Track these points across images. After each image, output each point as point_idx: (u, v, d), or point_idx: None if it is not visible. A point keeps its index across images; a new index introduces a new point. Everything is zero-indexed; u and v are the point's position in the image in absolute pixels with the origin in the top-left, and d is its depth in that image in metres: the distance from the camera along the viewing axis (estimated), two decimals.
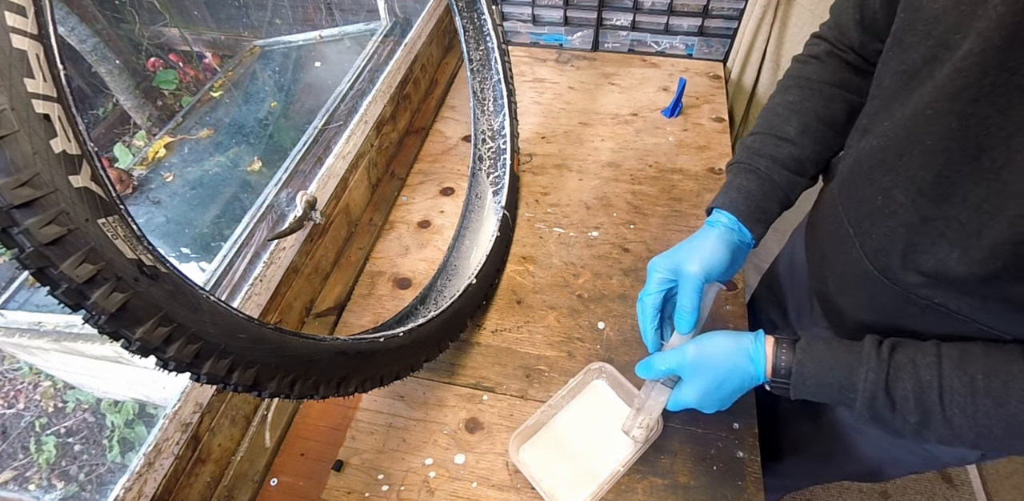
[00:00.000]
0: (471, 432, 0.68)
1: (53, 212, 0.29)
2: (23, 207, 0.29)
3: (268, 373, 0.43)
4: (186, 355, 0.37)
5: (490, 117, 0.94)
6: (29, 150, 0.28)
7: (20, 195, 0.28)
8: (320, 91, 1.36)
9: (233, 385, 0.41)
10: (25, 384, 1.99)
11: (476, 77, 0.94)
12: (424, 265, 0.86)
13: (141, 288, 0.34)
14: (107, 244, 0.32)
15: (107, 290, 0.32)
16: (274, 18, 2.00)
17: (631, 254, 0.85)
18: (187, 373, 0.38)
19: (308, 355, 0.46)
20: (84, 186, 0.31)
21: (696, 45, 1.22)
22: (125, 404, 1.83)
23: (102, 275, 0.32)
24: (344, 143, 0.88)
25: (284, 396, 0.46)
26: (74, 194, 0.30)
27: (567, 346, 0.75)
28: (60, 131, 0.30)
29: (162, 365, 0.37)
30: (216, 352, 0.38)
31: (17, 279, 1.39)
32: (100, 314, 0.32)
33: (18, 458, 1.84)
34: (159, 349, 0.35)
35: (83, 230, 0.31)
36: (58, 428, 1.89)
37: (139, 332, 0.34)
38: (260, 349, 0.42)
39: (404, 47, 1.08)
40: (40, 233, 0.29)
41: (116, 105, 1.59)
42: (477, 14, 0.91)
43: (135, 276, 0.33)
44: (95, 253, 0.31)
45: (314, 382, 0.47)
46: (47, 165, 0.29)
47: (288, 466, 0.66)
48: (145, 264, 0.34)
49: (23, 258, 0.30)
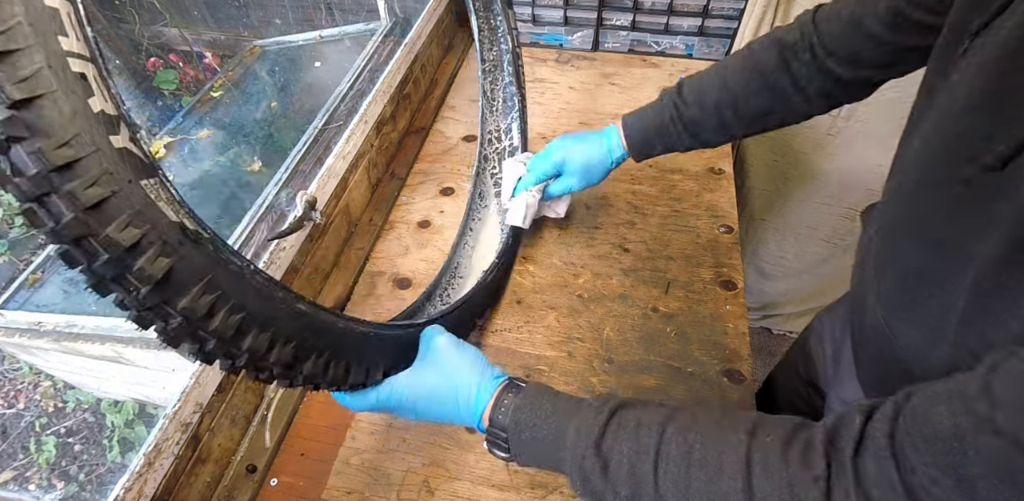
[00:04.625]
0: (471, 432, 0.68)
1: (97, 173, 0.28)
2: (64, 169, 0.27)
3: (305, 351, 0.41)
4: (230, 326, 0.34)
5: (499, 118, 0.94)
6: (68, 109, 0.27)
7: (62, 156, 0.26)
8: (320, 91, 1.36)
9: (271, 364, 0.38)
10: (25, 384, 1.99)
11: (487, 78, 0.94)
12: (424, 265, 0.86)
13: (185, 252, 0.32)
14: (151, 206, 0.30)
15: (153, 254, 0.30)
16: (274, 18, 2.00)
17: (631, 254, 0.85)
18: (224, 353, 0.36)
19: (343, 335, 0.44)
20: (124, 147, 0.29)
21: (696, 45, 1.22)
22: (125, 404, 1.83)
23: (147, 239, 0.30)
24: (344, 143, 0.88)
25: (316, 383, 0.43)
26: (115, 155, 0.29)
27: (567, 346, 0.75)
28: (97, 91, 0.28)
29: (198, 348, 0.35)
30: (258, 324, 0.36)
31: (17, 279, 1.39)
32: (144, 284, 0.30)
33: (18, 458, 1.84)
34: (202, 321, 0.33)
35: (126, 192, 0.29)
36: (58, 428, 1.89)
37: (184, 301, 0.32)
38: (299, 324, 0.39)
39: (404, 47, 1.08)
40: (84, 195, 0.27)
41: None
42: (493, 15, 0.92)
43: (179, 240, 0.31)
44: (140, 216, 0.29)
45: (346, 366, 0.45)
46: (87, 125, 0.27)
47: (288, 466, 0.66)
48: (188, 228, 0.32)
49: (59, 229, 0.28)
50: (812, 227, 1.43)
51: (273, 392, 0.71)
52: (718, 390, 0.69)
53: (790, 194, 1.38)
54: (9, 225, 2.13)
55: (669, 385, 0.70)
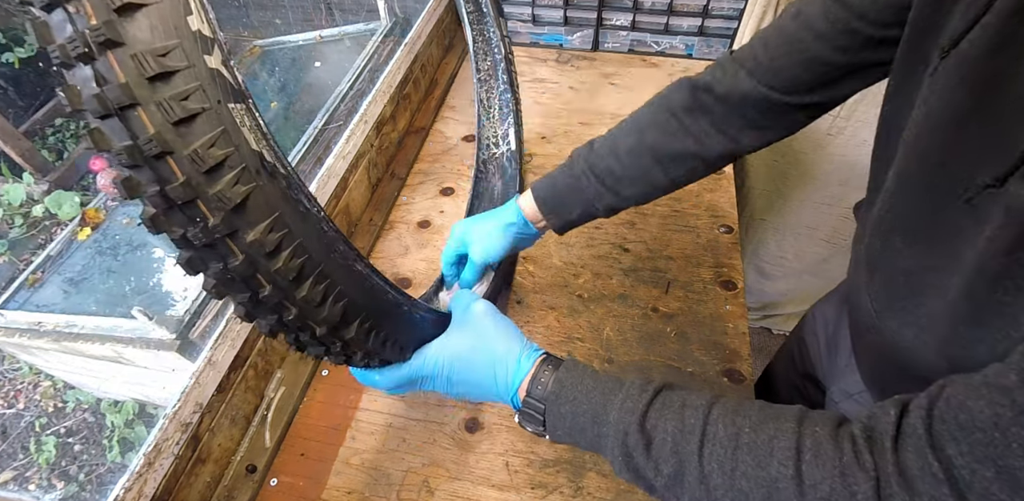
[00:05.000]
0: (471, 432, 0.68)
1: (192, 87, 0.27)
2: (157, 79, 0.26)
3: (354, 312, 0.39)
4: (290, 270, 0.33)
5: (495, 125, 0.95)
6: (170, 21, 0.26)
7: (160, 64, 0.26)
8: (320, 91, 1.36)
9: (318, 322, 0.37)
10: (25, 384, 2.00)
11: (483, 86, 0.95)
12: (424, 265, 0.86)
13: (262, 183, 0.30)
14: (236, 131, 0.29)
15: (233, 178, 0.29)
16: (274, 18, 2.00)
17: (631, 254, 0.85)
18: (275, 304, 0.34)
19: (390, 306, 0.43)
20: (216, 68, 0.28)
21: (696, 45, 1.22)
22: (125, 404, 1.83)
23: (230, 161, 0.29)
24: (344, 143, 0.88)
25: (350, 352, 0.42)
26: (208, 74, 0.28)
27: (567, 346, 0.75)
28: (195, 9, 0.28)
29: (248, 296, 0.33)
30: (316, 273, 0.34)
31: (17, 279, 1.39)
32: (217, 212, 0.29)
33: (18, 458, 1.84)
34: (265, 261, 0.32)
35: (215, 112, 0.28)
36: (58, 428, 1.89)
37: (252, 233, 0.31)
38: (353, 283, 0.38)
39: (404, 47, 1.08)
40: (177, 107, 0.27)
41: None
42: (486, 26, 0.92)
43: (257, 169, 0.30)
44: (226, 136, 0.29)
45: (384, 338, 0.43)
46: (186, 39, 0.27)
47: (288, 466, 0.66)
48: (266, 159, 0.31)
49: (141, 144, 0.27)
50: (812, 227, 1.43)
51: (273, 392, 0.71)
52: (718, 390, 0.69)
53: (790, 194, 1.38)
54: (9, 225, 2.13)
55: None
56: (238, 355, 0.65)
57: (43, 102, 2.47)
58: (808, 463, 0.34)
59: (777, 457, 0.35)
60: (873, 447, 0.32)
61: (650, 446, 0.39)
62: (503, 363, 0.46)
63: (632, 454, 0.39)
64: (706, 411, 0.38)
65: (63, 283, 1.36)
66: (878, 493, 0.31)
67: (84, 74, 0.26)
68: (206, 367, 0.63)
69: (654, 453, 0.38)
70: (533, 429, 0.46)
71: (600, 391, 0.42)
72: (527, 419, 0.46)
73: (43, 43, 0.26)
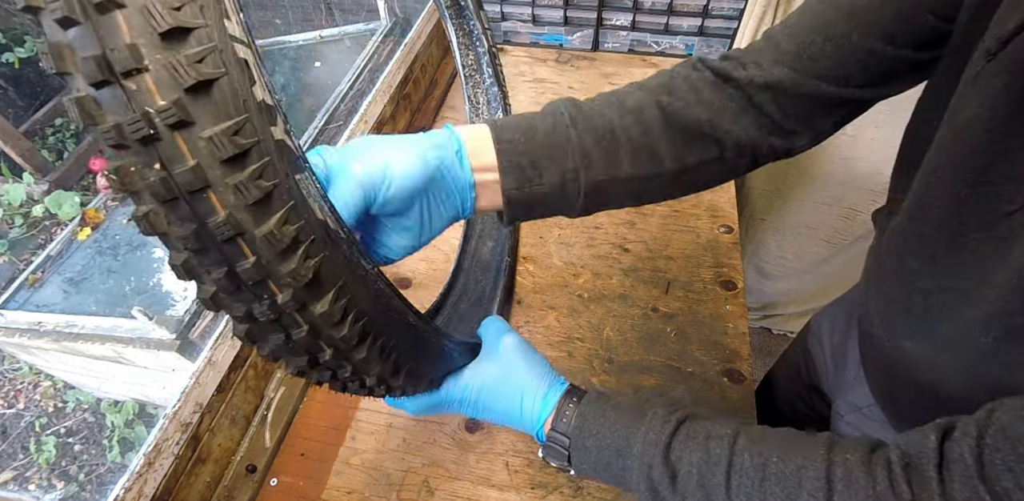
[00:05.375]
0: (471, 432, 0.68)
1: (263, 163, 0.25)
2: (234, 159, 0.25)
3: (405, 362, 0.39)
4: (353, 335, 0.32)
5: (483, 120, 0.95)
6: (239, 95, 0.25)
7: (236, 143, 0.24)
8: (320, 91, 1.36)
9: (371, 374, 0.36)
10: (25, 384, 2.00)
11: (469, 82, 0.94)
12: (424, 265, 0.86)
13: (328, 252, 0.29)
14: (304, 202, 0.28)
15: (303, 253, 0.28)
16: (274, 18, 2.00)
17: (631, 254, 0.85)
18: (336, 365, 0.34)
19: (435, 350, 0.42)
20: (281, 139, 0.27)
21: (696, 45, 1.22)
22: (125, 404, 1.83)
23: (301, 236, 0.28)
24: (344, 143, 0.88)
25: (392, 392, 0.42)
26: (275, 147, 0.26)
27: (567, 346, 0.75)
28: (257, 78, 0.26)
29: (307, 361, 0.33)
30: (374, 333, 0.34)
31: (17, 279, 1.39)
32: (286, 288, 0.28)
33: (18, 458, 1.84)
34: (331, 329, 0.31)
35: (286, 185, 0.27)
36: (58, 428, 1.89)
37: (320, 305, 0.30)
38: (405, 335, 0.37)
39: (404, 47, 1.08)
40: (253, 187, 0.25)
41: None
42: (466, 20, 0.92)
43: (324, 239, 0.29)
44: (295, 211, 0.27)
45: (427, 378, 0.44)
46: (253, 112, 0.25)
47: (288, 466, 0.66)
48: (330, 227, 0.30)
49: (212, 227, 0.25)
50: (812, 227, 1.43)
51: (273, 392, 0.71)
52: (718, 390, 0.69)
53: (790, 194, 1.38)
54: (9, 225, 2.13)
55: (669, 385, 0.71)
56: (238, 355, 0.65)
57: (43, 102, 2.47)
58: (839, 494, 0.32)
59: (807, 488, 0.33)
60: (912, 476, 0.31)
61: (675, 479, 0.38)
62: (531, 397, 0.46)
63: (657, 488, 0.38)
64: (731, 441, 0.37)
65: (63, 283, 1.36)
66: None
67: (145, 157, 0.24)
68: (206, 367, 0.63)
69: (680, 486, 0.37)
70: (558, 464, 0.45)
71: (623, 424, 0.41)
72: (551, 454, 0.45)
73: (88, 123, 0.23)
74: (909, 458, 0.31)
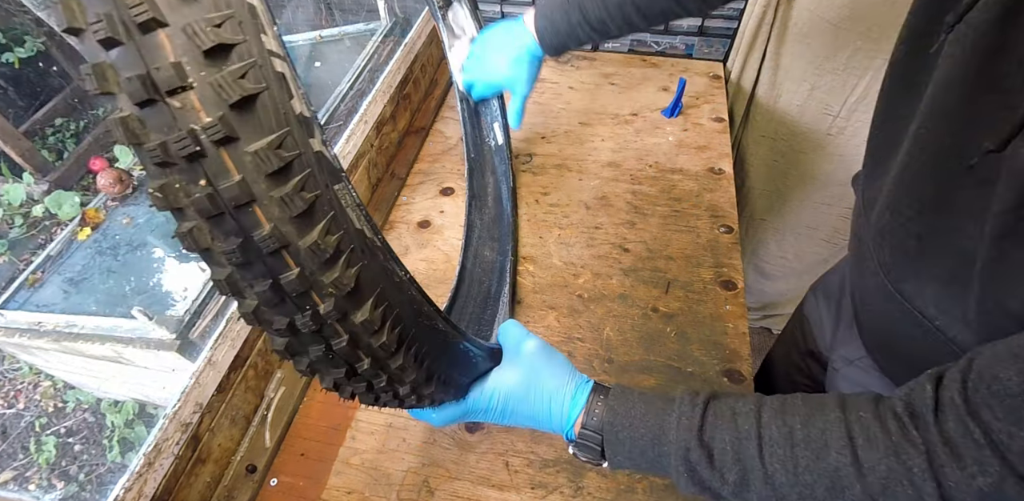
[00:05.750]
0: (471, 432, 0.68)
1: (305, 176, 0.26)
2: (279, 173, 0.25)
3: (437, 370, 0.39)
4: (391, 342, 0.32)
5: (481, 120, 0.95)
6: (280, 109, 0.25)
7: (280, 157, 0.25)
8: (320, 91, 1.36)
9: (405, 383, 0.36)
10: (25, 384, 2.00)
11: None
12: (424, 265, 0.86)
13: (367, 261, 0.30)
14: (343, 212, 0.29)
15: (344, 263, 0.28)
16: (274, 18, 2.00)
17: (631, 254, 0.85)
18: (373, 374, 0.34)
19: (463, 356, 0.43)
20: (320, 150, 0.27)
21: (696, 45, 1.22)
22: (125, 404, 1.83)
23: (341, 246, 0.28)
24: (344, 143, 0.88)
25: (420, 402, 0.42)
26: (315, 159, 0.27)
27: (567, 346, 0.75)
28: (294, 91, 0.26)
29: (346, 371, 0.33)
30: (409, 340, 0.34)
31: (17, 279, 1.39)
32: (328, 298, 0.28)
33: (18, 458, 1.84)
34: (370, 338, 0.31)
35: (327, 197, 0.27)
36: (58, 428, 1.89)
37: (361, 314, 0.30)
38: (436, 342, 0.38)
39: (404, 47, 1.08)
40: (297, 199, 0.25)
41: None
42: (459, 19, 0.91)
43: (362, 248, 0.30)
44: (336, 221, 0.28)
45: (455, 386, 0.44)
46: (293, 126, 0.26)
47: (288, 466, 0.66)
48: (367, 236, 0.30)
49: (259, 240, 0.25)
50: (812, 227, 1.43)
51: (273, 392, 0.71)
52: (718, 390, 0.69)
53: (790, 194, 1.38)
54: (9, 225, 2.13)
55: (669, 385, 0.71)
56: (238, 355, 0.65)
57: (43, 102, 2.47)
58: (862, 448, 0.36)
59: (833, 447, 0.37)
60: (917, 422, 0.35)
61: (712, 458, 0.40)
62: (559, 399, 0.47)
63: (696, 468, 0.41)
64: (756, 416, 0.40)
65: (63, 283, 1.36)
66: (931, 465, 0.33)
67: (191, 174, 0.24)
68: (206, 367, 0.63)
69: (717, 464, 0.40)
70: (588, 459, 0.47)
71: (654, 413, 0.44)
72: (583, 449, 0.46)
73: (133, 142, 0.24)
74: (912, 407, 0.36)
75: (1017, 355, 0.32)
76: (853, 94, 1.13)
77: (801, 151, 1.28)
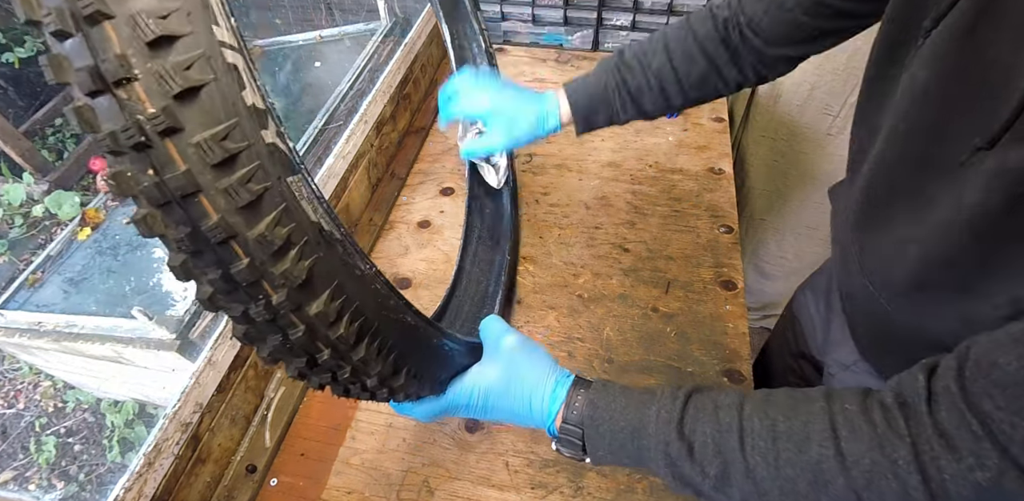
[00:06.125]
0: (471, 432, 0.68)
1: (253, 167, 0.26)
2: (223, 164, 0.25)
3: (404, 362, 0.39)
4: (350, 334, 0.33)
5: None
6: (228, 100, 0.25)
7: (225, 148, 0.25)
8: (320, 91, 1.36)
9: (371, 375, 0.36)
10: (25, 384, 2.00)
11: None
12: (424, 265, 0.86)
13: (322, 253, 0.30)
14: (296, 204, 0.29)
15: (296, 255, 0.29)
16: (274, 18, 2.00)
17: (631, 254, 0.85)
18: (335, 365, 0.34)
19: (437, 349, 0.43)
20: (273, 142, 0.28)
21: None
22: (125, 404, 1.83)
23: (293, 238, 0.28)
24: (344, 143, 0.89)
25: (395, 396, 0.42)
26: (266, 150, 0.27)
27: (567, 346, 0.75)
28: (248, 83, 0.27)
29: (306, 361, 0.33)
30: (372, 333, 0.34)
31: (17, 279, 1.39)
32: (280, 289, 0.29)
33: (18, 458, 1.84)
34: (327, 329, 0.31)
35: (277, 188, 0.28)
36: (58, 428, 1.89)
37: (315, 306, 0.30)
38: (404, 335, 0.38)
39: (404, 47, 1.08)
40: (243, 191, 0.26)
41: None
42: (463, 22, 0.92)
43: (317, 240, 0.30)
44: (288, 213, 0.28)
45: (429, 379, 0.44)
46: (243, 117, 0.26)
47: (288, 466, 0.66)
48: (324, 229, 0.31)
49: (206, 230, 0.26)
50: (812, 227, 1.43)
51: (273, 392, 0.71)
52: None
53: (790, 194, 1.38)
54: (9, 225, 2.13)
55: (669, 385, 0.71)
56: (238, 355, 0.65)
57: (43, 102, 2.47)
58: (846, 440, 0.35)
59: (816, 440, 0.36)
60: (907, 412, 0.33)
61: (692, 451, 0.39)
62: (539, 393, 0.47)
63: (676, 462, 0.40)
64: (738, 408, 0.39)
65: (63, 283, 1.36)
66: (917, 456, 0.32)
67: (139, 163, 0.25)
68: (206, 367, 0.63)
69: (697, 457, 0.39)
70: (571, 454, 0.46)
71: (634, 406, 0.43)
72: (565, 444, 0.46)
73: (87, 131, 0.24)
74: (903, 398, 0.34)
75: (1018, 340, 0.30)
76: (853, 94, 1.14)
77: (801, 151, 1.28)
